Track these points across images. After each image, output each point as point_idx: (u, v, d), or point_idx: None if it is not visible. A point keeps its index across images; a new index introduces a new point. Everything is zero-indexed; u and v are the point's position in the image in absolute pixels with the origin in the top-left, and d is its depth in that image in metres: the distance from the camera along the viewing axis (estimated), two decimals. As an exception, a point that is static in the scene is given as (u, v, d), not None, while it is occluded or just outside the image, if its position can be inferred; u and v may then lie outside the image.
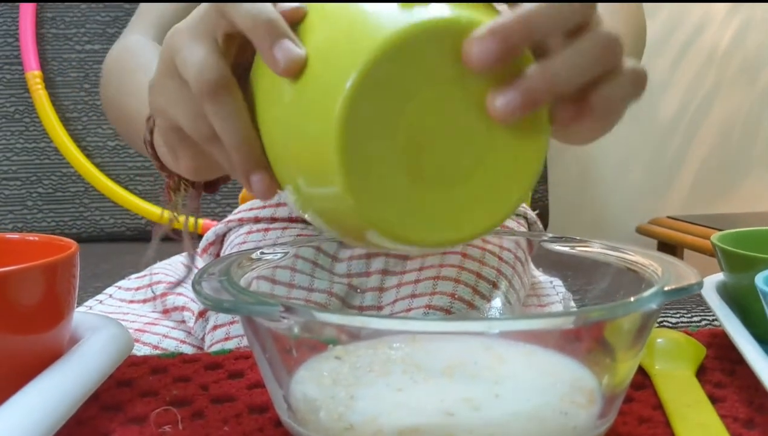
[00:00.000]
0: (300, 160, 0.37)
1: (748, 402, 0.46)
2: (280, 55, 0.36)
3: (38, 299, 0.44)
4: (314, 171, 0.36)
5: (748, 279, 0.49)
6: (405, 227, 0.36)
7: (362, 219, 0.36)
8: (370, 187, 0.35)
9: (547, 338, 0.45)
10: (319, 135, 0.35)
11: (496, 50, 0.34)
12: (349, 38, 0.35)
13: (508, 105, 0.35)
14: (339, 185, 0.35)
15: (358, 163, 0.34)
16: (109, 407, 0.47)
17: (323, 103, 0.35)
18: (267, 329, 0.39)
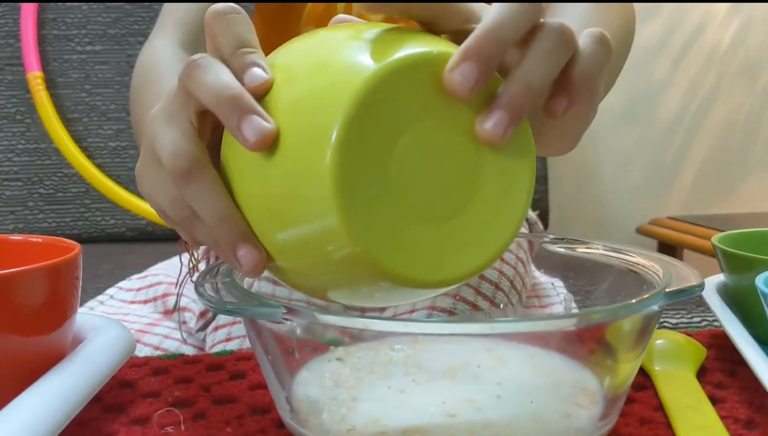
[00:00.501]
0: (293, 218, 0.36)
1: (749, 403, 0.46)
2: (249, 132, 0.36)
3: (42, 300, 0.44)
4: (310, 224, 0.35)
5: (748, 280, 0.50)
6: (408, 266, 0.35)
7: (366, 264, 0.35)
8: (372, 232, 0.34)
9: (548, 339, 0.45)
10: (312, 188, 0.34)
11: (476, 71, 0.34)
12: (324, 92, 0.35)
13: (497, 125, 0.35)
14: (340, 232, 0.34)
15: (357, 209, 0.34)
16: (111, 409, 0.47)
17: (309, 160, 0.34)
18: (269, 330, 0.39)
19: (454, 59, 0.35)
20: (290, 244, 0.37)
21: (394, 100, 0.34)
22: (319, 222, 0.35)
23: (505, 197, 0.37)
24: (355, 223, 0.34)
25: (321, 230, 0.35)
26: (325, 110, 0.34)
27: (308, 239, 0.36)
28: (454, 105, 0.35)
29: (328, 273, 0.37)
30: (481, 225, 0.37)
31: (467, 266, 0.37)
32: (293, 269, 0.38)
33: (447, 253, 0.36)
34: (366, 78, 0.33)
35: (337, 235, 0.34)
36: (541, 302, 0.80)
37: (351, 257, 0.35)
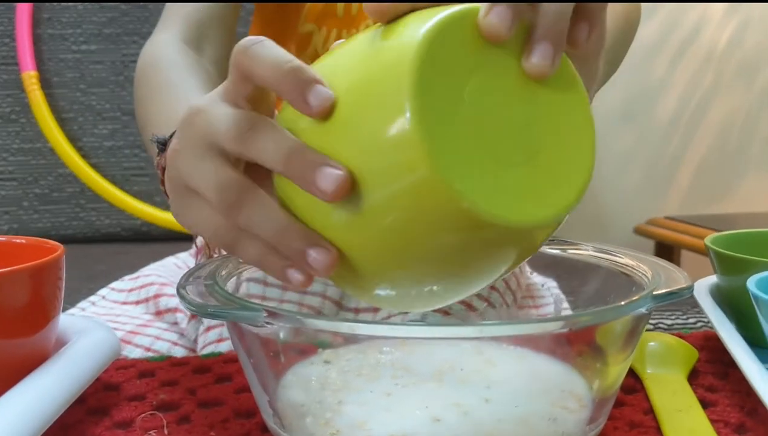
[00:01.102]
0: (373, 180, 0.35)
1: (740, 406, 0.45)
2: (327, 185, 0.35)
3: (24, 302, 0.43)
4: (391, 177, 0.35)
5: (741, 281, 0.49)
6: (500, 206, 0.35)
7: (457, 203, 0.34)
8: (458, 171, 0.34)
9: (537, 341, 0.45)
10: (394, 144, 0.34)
11: (508, 10, 0.35)
12: (383, 63, 0.35)
13: (543, 56, 0.36)
14: (424, 167, 0.34)
15: (441, 151, 0.34)
16: (95, 411, 0.46)
17: (387, 120, 0.34)
18: (252, 333, 0.39)
19: (486, 6, 0.35)
20: (370, 216, 0.36)
21: (446, 57, 0.35)
22: (406, 176, 0.34)
23: (573, 133, 0.38)
24: (441, 162, 0.34)
25: (408, 186, 0.34)
26: (390, 76, 0.34)
27: (390, 195, 0.35)
28: (499, 54, 0.36)
29: (408, 236, 0.36)
30: (559, 162, 0.37)
31: (551, 208, 0.37)
32: (365, 255, 0.37)
33: (529, 195, 0.36)
34: (422, 37, 0.34)
35: (423, 178, 0.34)
36: (535, 302, 0.79)
37: (436, 199, 0.34)
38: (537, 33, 0.37)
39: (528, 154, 0.37)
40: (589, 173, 0.38)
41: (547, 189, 0.37)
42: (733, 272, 0.54)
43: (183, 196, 0.41)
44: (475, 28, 0.35)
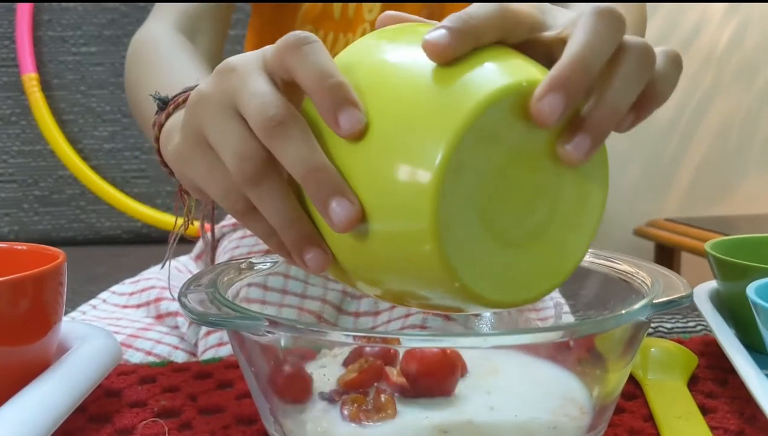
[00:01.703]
0: (384, 221, 0.36)
1: (739, 413, 0.45)
2: (338, 216, 0.35)
3: (25, 310, 0.43)
4: (398, 233, 0.35)
5: (740, 287, 0.49)
6: (487, 288, 0.36)
7: (448, 279, 0.35)
8: (457, 246, 0.35)
9: (538, 348, 0.45)
10: (407, 200, 0.34)
11: (563, 101, 0.34)
12: (418, 131, 0.35)
13: (580, 148, 0.35)
14: (429, 243, 0.34)
15: (449, 226, 0.34)
16: (96, 418, 0.46)
17: (410, 173, 0.34)
18: (253, 341, 0.39)
19: (542, 89, 0.34)
20: (369, 248, 0.36)
21: (488, 129, 0.34)
22: (410, 236, 0.35)
23: (581, 213, 0.38)
24: (448, 252, 0.34)
25: (409, 244, 0.35)
26: (427, 133, 0.34)
27: (390, 240, 0.36)
28: (536, 129, 0.35)
29: (400, 280, 0.37)
30: (558, 244, 0.38)
31: (542, 287, 0.38)
32: (358, 270, 0.38)
33: (518, 278, 0.37)
34: (468, 110, 0.33)
35: (427, 256, 0.34)
36: (534, 305, 0.79)
37: (435, 277, 0.35)
38: (585, 123, 0.36)
39: (532, 235, 0.37)
40: (578, 263, 0.39)
41: (537, 273, 0.38)
42: (733, 278, 0.54)
43: (196, 145, 0.41)
44: (524, 102, 0.34)
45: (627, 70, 0.37)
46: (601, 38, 0.36)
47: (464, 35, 0.35)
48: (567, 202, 0.38)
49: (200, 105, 0.40)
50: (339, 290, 0.69)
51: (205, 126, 0.40)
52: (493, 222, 0.36)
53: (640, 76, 0.37)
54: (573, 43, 0.35)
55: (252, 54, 0.41)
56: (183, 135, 0.42)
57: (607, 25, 0.36)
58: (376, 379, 0.42)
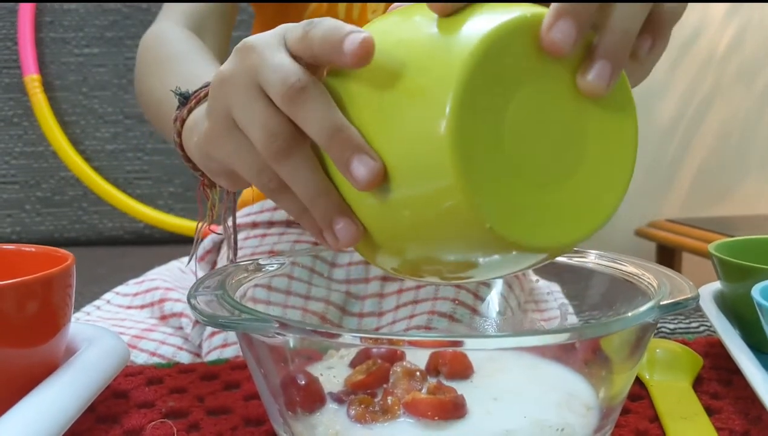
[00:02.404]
0: (404, 180, 0.36)
1: (744, 414, 0.46)
2: (362, 173, 0.36)
3: (34, 312, 0.43)
4: (422, 186, 0.35)
5: (744, 289, 0.49)
6: (519, 230, 0.35)
7: (477, 222, 0.34)
8: (489, 198, 0.34)
9: (545, 349, 0.45)
10: (426, 149, 0.34)
11: (574, 26, 0.34)
12: (429, 72, 0.35)
13: (600, 76, 0.35)
14: (454, 186, 0.34)
15: (472, 166, 0.34)
16: (105, 419, 0.46)
17: (425, 121, 0.34)
18: (262, 342, 0.39)
19: (550, 18, 0.34)
20: (396, 207, 0.36)
21: (499, 66, 0.34)
22: (434, 184, 0.34)
23: (613, 150, 0.38)
24: (475, 191, 0.33)
25: (435, 194, 0.34)
26: (438, 82, 0.34)
27: (416, 197, 0.35)
28: (552, 65, 0.35)
29: (430, 238, 0.37)
30: (592, 184, 0.37)
31: (580, 230, 0.37)
32: (386, 238, 0.38)
33: (554, 219, 0.36)
34: (474, 47, 0.33)
35: (454, 199, 0.34)
36: (538, 306, 0.79)
37: (464, 223, 0.34)
38: (599, 50, 0.35)
39: (563, 175, 0.36)
40: (620, 200, 0.38)
41: (574, 214, 0.36)
42: (737, 280, 0.54)
43: (224, 126, 0.41)
44: (534, 36, 0.34)
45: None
46: None
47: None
48: (596, 138, 0.37)
49: (224, 86, 0.41)
50: (342, 292, 0.69)
51: (231, 106, 0.41)
52: (520, 163, 0.35)
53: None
54: None
55: (270, 33, 0.41)
56: (210, 119, 0.42)
57: None
58: (384, 381, 0.42)
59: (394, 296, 0.68)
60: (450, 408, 0.40)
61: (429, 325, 0.65)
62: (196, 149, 0.47)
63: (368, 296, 0.69)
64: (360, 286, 0.70)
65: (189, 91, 0.53)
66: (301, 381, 0.40)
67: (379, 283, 0.70)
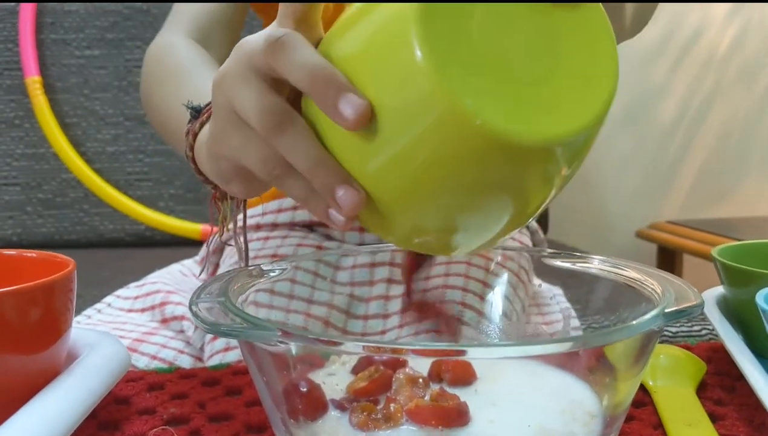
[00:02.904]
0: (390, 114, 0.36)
1: (749, 421, 0.45)
2: (348, 111, 0.37)
3: (36, 318, 0.43)
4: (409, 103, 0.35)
5: (748, 294, 0.49)
6: (512, 121, 0.34)
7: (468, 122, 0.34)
8: (467, 89, 0.34)
9: (549, 357, 0.45)
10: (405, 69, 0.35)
11: None
12: None
13: None
14: (436, 94, 0.34)
15: (449, 70, 0.34)
16: (106, 426, 0.46)
17: (397, 46, 0.35)
18: (264, 350, 0.39)
19: None
20: (391, 145, 0.36)
21: None
22: (419, 103, 0.34)
23: (592, 49, 0.37)
24: (457, 92, 0.34)
25: (422, 112, 0.35)
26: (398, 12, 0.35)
27: (409, 127, 0.35)
28: None
29: (432, 169, 0.36)
30: (578, 82, 0.37)
31: (573, 123, 0.36)
32: (391, 190, 0.38)
33: (548, 111, 0.35)
34: None
35: (440, 107, 0.34)
36: (541, 310, 0.79)
37: (457, 131, 0.34)
38: None
39: (546, 70, 0.36)
40: (614, 84, 0.37)
41: (568, 104, 0.36)
42: (741, 285, 0.54)
43: (228, 120, 0.43)
44: None
45: None
46: None
47: None
48: (572, 36, 0.37)
49: (223, 82, 0.43)
50: (346, 294, 0.69)
51: (229, 97, 0.42)
52: (498, 64, 0.35)
53: None
54: None
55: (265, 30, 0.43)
56: (216, 118, 0.44)
57: None
58: (386, 388, 0.42)
59: (400, 298, 0.68)
60: (453, 416, 0.40)
61: (438, 328, 0.65)
62: (207, 156, 0.48)
63: (373, 299, 0.69)
64: (365, 288, 0.70)
65: (201, 105, 0.53)
66: (303, 388, 0.40)
67: (385, 285, 0.70)
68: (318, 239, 0.79)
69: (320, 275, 0.68)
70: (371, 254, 0.68)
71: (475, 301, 0.64)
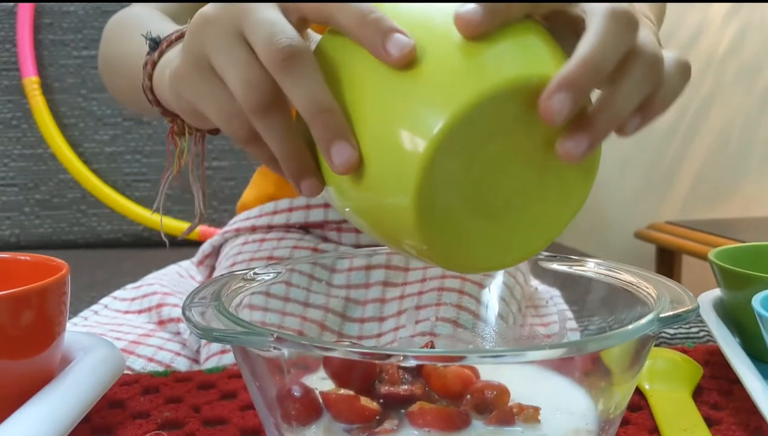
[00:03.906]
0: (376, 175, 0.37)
1: (745, 425, 0.45)
2: (338, 158, 0.37)
3: (29, 322, 0.43)
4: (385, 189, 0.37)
5: (745, 297, 0.49)
6: (453, 256, 0.38)
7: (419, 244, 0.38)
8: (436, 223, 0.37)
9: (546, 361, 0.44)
10: (398, 162, 0.36)
11: (571, 101, 0.34)
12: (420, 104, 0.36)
13: (579, 146, 0.36)
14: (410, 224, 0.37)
15: (428, 200, 0.36)
16: (100, 430, 0.46)
17: (405, 135, 0.36)
18: (257, 355, 0.39)
19: (551, 88, 0.34)
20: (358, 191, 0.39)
21: (488, 116, 0.35)
22: (394, 198, 0.37)
23: (560, 206, 0.40)
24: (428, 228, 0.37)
25: (392, 205, 0.37)
26: (424, 118, 0.35)
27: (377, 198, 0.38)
28: (536, 120, 0.36)
29: (375, 226, 0.40)
30: (534, 224, 0.40)
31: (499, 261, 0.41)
32: (345, 207, 0.41)
33: (492, 248, 0.40)
34: (471, 95, 0.34)
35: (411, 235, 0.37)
36: (538, 311, 0.79)
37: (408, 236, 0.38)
38: (586, 122, 0.36)
39: (513, 211, 0.39)
40: (549, 241, 0.41)
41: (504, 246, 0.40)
42: (737, 288, 0.54)
43: (197, 69, 0.41)
44: (530, 95, 0.35)
45: (635, 75, 0.37)
46: (613, 41, 0.36)
47: (496, 14, 0.36)
48: (550, 191, 0.39)
49: (205, 29, 0.40)
50: (342, 297, 0.68)
51: (209, 50, 0.40)
52: (475, 201, 0.37)
53: (646, 82, 0.38)
54: (585, 43, 0.36)
55: None
56: (184, 57, 0.42)
57: (620, 28, 0.36)
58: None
59: (396, 301, 0.68)
60: (456, 419, 0.39)
61: (433, 331, 0.65)
62: (168, 83, 0.46)
63: (369, 301, 0.69)
64: (360, 291, 0.69)
65: (160, 36, 0.52)
66: (297, 393, 0.39)
67: (381, 288, 0.69)
68: (314, 241, 0.79)
69: (316, 277, 0.68)
70: (367, 256, 0.68)
71: (472, 303, 0.64)
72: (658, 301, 0.41)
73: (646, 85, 0.38)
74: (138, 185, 1.60)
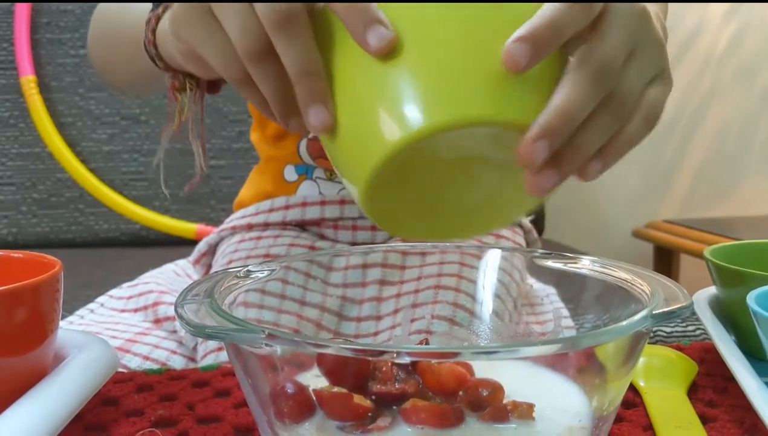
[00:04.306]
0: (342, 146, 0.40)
1: (740, 423, 0.45)
2: (311, 118, 0.40)
3: (22, 320, 0.43)
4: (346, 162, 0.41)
5: (740, 294, 0.49)
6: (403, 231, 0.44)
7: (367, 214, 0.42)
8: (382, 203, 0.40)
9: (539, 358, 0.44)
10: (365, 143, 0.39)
11: (548, 148, 0.37)
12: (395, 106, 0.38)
13: (546, 182, 0.39)
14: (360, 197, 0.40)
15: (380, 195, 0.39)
16: (93, 428, 0.46)
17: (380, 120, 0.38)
18: (250, 353, 0.39)
19: (533, 134, 0.37)
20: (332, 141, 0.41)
21: (459, 138, 0.38)
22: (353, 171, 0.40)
23: (502, 211, 0.43)
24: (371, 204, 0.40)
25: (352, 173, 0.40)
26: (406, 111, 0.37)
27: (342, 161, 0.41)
28: (502, 147, 0.39)
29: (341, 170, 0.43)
30: (467, 222, 0.43)
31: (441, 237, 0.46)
32: None
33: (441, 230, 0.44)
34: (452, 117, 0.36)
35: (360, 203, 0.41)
36: (534, 309, 0.79)
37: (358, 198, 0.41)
38: (555, 161, 0.39)
39: (468, 209, 0.42)
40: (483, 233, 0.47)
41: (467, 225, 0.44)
42: (733, 285, 0.54)
43: (198, 11, 0.42)
44: (507, 134, 0.37)
45: (603, 121, 0.40)
46: (589, 96, 0.39)
47: (544, 52, 0.37)
48: (498, 200, 0.42)
49: None
50: (339, 296, 0.68)
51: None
52: (426, 198, 0.41)
53: (611, 126, 0.41)
54: (563, 94, 0.38)
55: None
56: (188, 3, 0.43)
57: (598, 83, 0.39)
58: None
59: (393, 299, 0.68)
60: (450, 416, 0.39)
61: (429, 329, 0.64)
62: (168, 27, 0.47)
63: (366, 300, 0.69)
64: (357, 290, 0.69)
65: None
66: (290, 390, 0.39)
67: (377, 287, 0.69)
68: (310, 239, 0.78)
69: (312, 275, 0.68)
70: (363, 254, 0.68)
71: (468, 301, 0.64)
72: (652, 298, 0.41)
73: (612, 126, 0.41)
74: (135, 184, 1.60)
